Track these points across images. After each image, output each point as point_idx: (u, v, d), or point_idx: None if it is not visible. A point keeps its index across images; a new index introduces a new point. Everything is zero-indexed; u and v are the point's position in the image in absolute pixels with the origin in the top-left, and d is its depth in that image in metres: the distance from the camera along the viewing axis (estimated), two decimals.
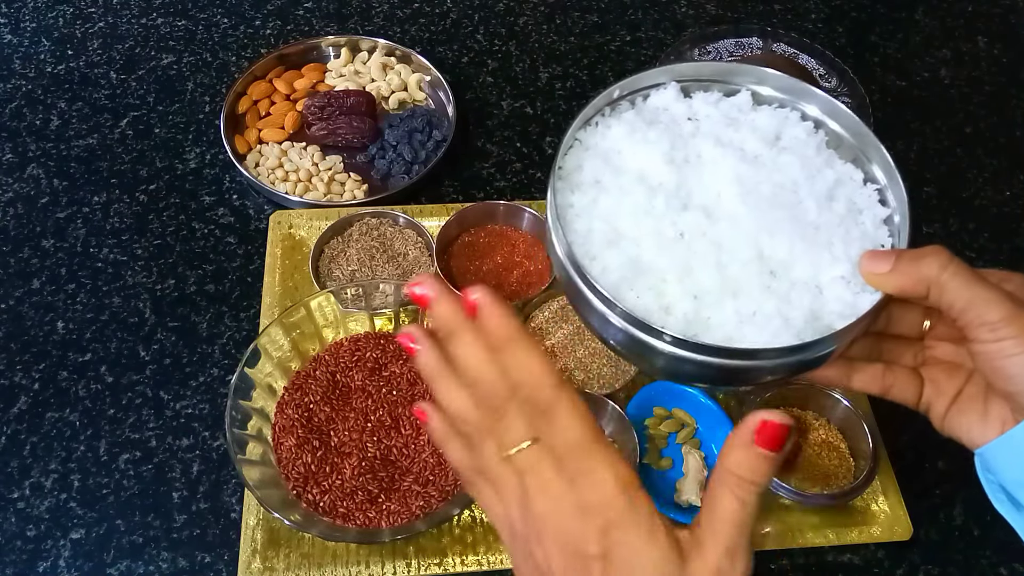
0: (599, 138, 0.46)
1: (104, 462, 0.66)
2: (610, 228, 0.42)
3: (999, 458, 0.39)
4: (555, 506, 0.36)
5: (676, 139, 0.45)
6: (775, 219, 0.42)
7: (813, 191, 0.43)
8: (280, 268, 0.75)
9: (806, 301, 0.40)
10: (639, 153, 0.44)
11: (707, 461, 0.66)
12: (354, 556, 0.61)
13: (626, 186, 0.43)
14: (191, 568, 0.62)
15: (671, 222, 0.42)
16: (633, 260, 0.41)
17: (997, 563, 0.65)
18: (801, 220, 0.42)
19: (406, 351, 0.39)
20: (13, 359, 0.71)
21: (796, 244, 0.41)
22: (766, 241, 0.42)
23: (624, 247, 0.42)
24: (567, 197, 0.44)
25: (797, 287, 0.41)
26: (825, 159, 0.45)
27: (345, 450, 0.62)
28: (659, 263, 0.41)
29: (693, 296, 0.40)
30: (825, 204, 0.43)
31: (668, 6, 1.03)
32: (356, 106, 0.85)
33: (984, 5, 1.07)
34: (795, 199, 0.43)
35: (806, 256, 0.41)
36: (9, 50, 0.93)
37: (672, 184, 0.43)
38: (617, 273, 0.41)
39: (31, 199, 0.81)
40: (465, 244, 0.77)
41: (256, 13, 0.98)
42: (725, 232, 0.42)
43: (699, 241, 0.42)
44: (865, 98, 0.91)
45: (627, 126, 0.46)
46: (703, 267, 0.41)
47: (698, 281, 0.41)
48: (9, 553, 0.62)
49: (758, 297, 0.40)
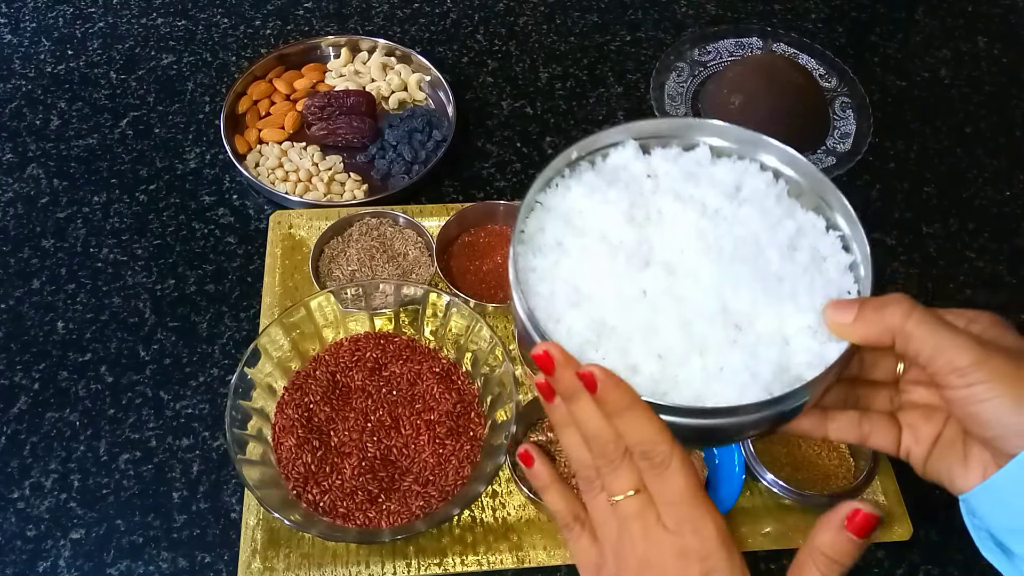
0: (559, 199, 0.45)
1: (104, 462, 0.66)
2: (573, 289, 0.42)
3: (984, 505, 0.40)
4: (657, 549, 0.39)
5: (636, 197, 0.45)
6: (738, 273, 0.41)
7: (775, 241, 0.43)
8: (280, 268, 0.75)
9: (773, 354, 0.40)
10: (600, 213, 0.44)
11: (707, 461, 0.66)
12: (354, 556, 0.61)
13: (588, 246, 0.43)
14: (191, 568, 0.62)
15: (633, 281, 0.42)
16: (597, 321, 0.41)
17: None
18: (764, 272, 0.42)
19: (540, 388, 0.40)
20: (13, 359, 0.71)
21: (759, 297, 0.41)
22: (730, 295, 0.41)
23: (587, 308, 0.41)
24: (529, 260, 0.43)
25: (763, 340, 0.40)
26: (786, 209, 0.45)
27: (345, 450, 0.62)
28: (623, 323, 0.41)
29: (658, 355, 0.40)
30: (788, 254, 0.43)
31: (668, 6, 1.03)
32: (356, 106, 0.85)
33: (984, 5, 1.07)
34: (757, 251, 0.43)
35: (770, 308, 0.41)
36: (9, 50, 0.93)
37: (633, 242, 0.43)
38: (582, 335, 0.40)
39: (31, 199, 0.81)
40: (465, 244, 0.77)
41: (256, 13, 0.98)
42: (688, 288, 0.41)
43: (662, 298, 0.41)
44: (865, 98, 0.91)
45: (587, 186, 0.45)
46: (667, 325, 0.40)
47: (663, 339, 0.40)
48: (9, 553, 0.62)
49: (724, 352, 0.40)
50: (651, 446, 0.38)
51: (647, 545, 0.39)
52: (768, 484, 0.63)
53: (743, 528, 0.63)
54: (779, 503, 0.65)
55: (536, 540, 0.62)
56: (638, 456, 0.39)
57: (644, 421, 0.38)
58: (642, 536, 0.39)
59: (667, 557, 0.38)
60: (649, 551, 0.39)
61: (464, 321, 0.65)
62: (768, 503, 0.65)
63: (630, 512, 0.39)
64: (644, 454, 0.38)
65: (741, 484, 0.63)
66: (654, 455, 0.38)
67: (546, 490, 0.45)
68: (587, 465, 0.41)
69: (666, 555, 0.39)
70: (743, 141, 0.47)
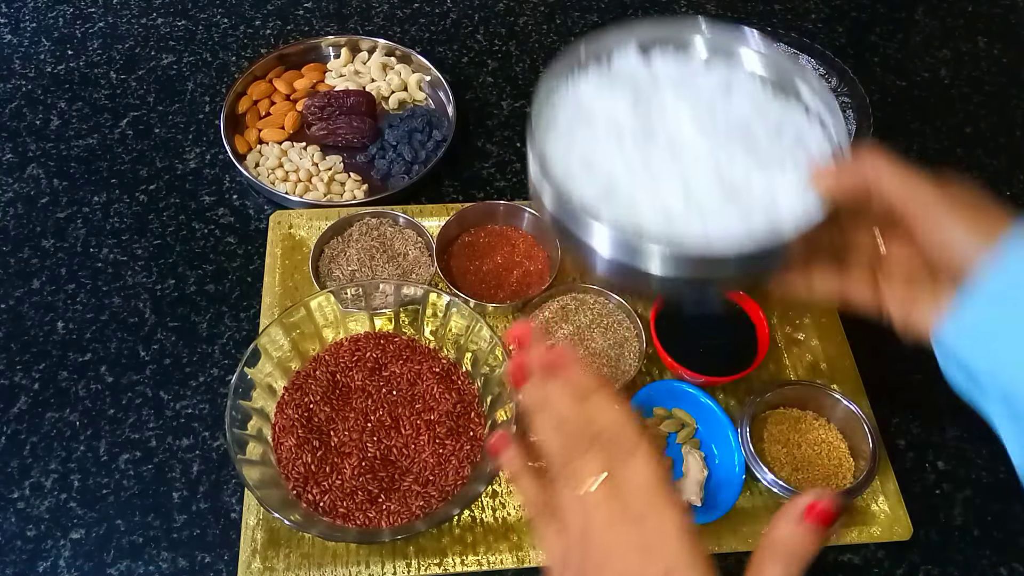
0: (570, 95, 0.51)
1: (104, 462, 0.66)
2: (585, 164, 0.47)
3: (954, 341, 0.42)
4: (620, 541, 0.39)
5: (639, 92, 0.50)
6: (732, 148, 0.47)
7: (763, 125, 0.48)
8: (280, 268, 0.75)
9: (764, 212, 0.45)
10: (607, 104, 0.49)
11: (707, 461, 0.66)
12: (354, 556, 0.61)
13: (597, 130, 0.49)
14: (191, 568, 0.62)
15: (640, 155, 0.47)
16: (607, 189, 0.46)
17: (997, 563, 0.65)
18: (755, 148, 0.47)
19: (513, 370, 0.44)
20: (13, 359, 0.71)
21: (752, 167, 0.46)
22: (725, 165, 0.47)
23: (598, 177, 0.47)
24: (544, 148, 0.48)
25: (756, 201, 0.46)
26: (773, 99, 0.50)
27: (345, 450, 0.62)
28: (631, 189, 0.46)
29: (663, 215, 0.45)
30: (775, 136, 0.48)
31: (668, 6, 1.03)
32: (356, 106, 0.85)
33: (984, 5, 1.07)
34: (747, 132, 0.48)
35: (762, 176, 0.46)
36: (9, 50, 0.93)
37: (638, 126, 0.49)
38: (594, 199, 0.46)
39: (31, 199, 0.81)
40: (465, 244, 0.77)
41: (256, 13, 0.98)
42: (688, 161, 0.47)
43: (666, 169, 0.47)
44: (865, 98, 0.91)
45: (594, 83, 0.51)
46: (671, 190, 0.46)
47: (667, 203, 0.46)
48: (9, 553, 0.62)
49: (722, 212, 0.45)
50: (619, 429, 0.40)
51: (610, 536, 0.39)
52: (768, 484, 0.63)
53: (743, 528, 0.63)
54: (779, 503, 0.65)
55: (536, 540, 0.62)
56: (606, 442, 0.40)
57: (612, 404, 0.40)
58: (607, 526, 0.39)
59: (630, 551, 0.38)
60: (612, 542, 0.39)
61: (464, 321, 0.65)
62: (768, 503, 0.65)
63: (596, 501, 0.40)
64: (612, 440, 0.40)
65: (741, 484, 0.63)
66: (622, 441, 0.40)
67: (516, 479, 0.45)
68: (557, 454, 0.42)
69: (630, 548, 0.39)
70: (738, 39, 0.54)
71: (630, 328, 0.71)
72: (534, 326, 0.43)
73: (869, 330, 0.76)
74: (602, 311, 0.72)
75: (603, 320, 0.72)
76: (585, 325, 0.71)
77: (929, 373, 0.74)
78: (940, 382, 0.75)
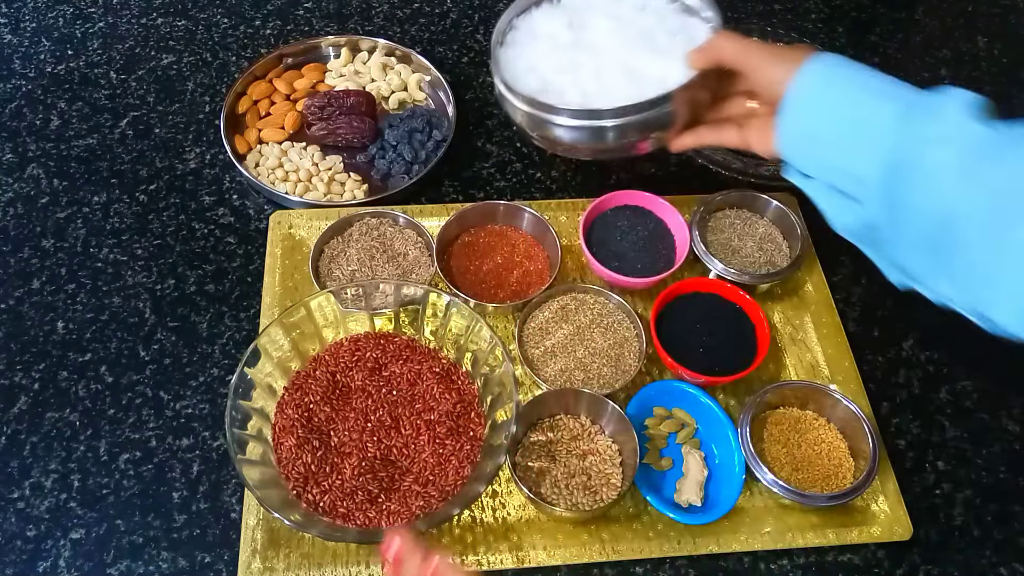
0: (525, 20, 0.70)
1: (104, 462, 0.66)
2: (530, 65, 0.67)
3: (782, 148, 0.57)
4: None
5: (573, 15, 0.69)
6: (637, 47, 0.65)
7: (663, 30, 0.66)
8: (280, 268, 0.75)
9: (656, 86, 0.62)
10: (549, 25, 0.69)
11: (707, 461, 0.66)
12: (354, 556, 0.61)
13: (540, 43, 0.68)
14: (191, 568, 0.62)
15: (568, 57, 0.66)
16: (544, 79, 0.66)
17: (997, 563, 0.65)
18: (655, 46, 0.64)
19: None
20: (13, 359, 0.71)
21: (651, 59, 0.64)
22: (631, 60, 0.64)
23: (539, 73, 0.66)
24: (504, 55, 0.68)
25: (650, 80, 0.63)
26: (675, 13, 0.67)
27: (345, 450, 0.62)
28: (560, 79, 0.66)
29: (582, 95, 0.64)
30: (671, 37, 0.65)
31: None
32: (356, 106, 0.85)
33: (984, 5, 1.07)
34: (651, 37, 0.65)
35: (657, 64, 0.63)
36: (9, 50, 0.93)
37: (570, 39, 0.67)
38: (535, 87, 0.65)
39: (31, 199, 0.81)
40: (465, 244, 0.77)
41: (256, 13, 0.98)
42: (604, 59, 0.65)
43: (587, 65, 0.65)
44: None
45: (543, 12, 0.71)
46: (588, 77, 0.65)
47: (585, 85, 0.65)
48: (9, 553, 0.62)
49: (626, 89, 0.63)
50: None
51: None
52: (768, 484, 0.63)
53: (743, 528, 0.63)
54: (779, 503, 0.65)
55: (536, 540, 0.62)
56: None
57: None
58: None
59: None
60: None
61: (464, 321, 0.65)
62: (768, 503, 0.65)
63: None
64: None
65: (741, 484, 0.63)
66: None
67: None
68: None
69: None
70: None
71: (630, 328, 0.71)
72: (407, 541, 0.48)
73: (869, 330, 0.76)
74: (602, 311, 0.72)
75: (603, 320, 0.72)
76: (585, 325, 0.71)
77: (929, 373, 0.74)
78: (940, 382, 0.75)
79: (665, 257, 0.74)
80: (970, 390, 0.74)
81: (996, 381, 0.74)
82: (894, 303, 0.78)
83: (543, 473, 0.64)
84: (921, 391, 0.74)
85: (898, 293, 0.56)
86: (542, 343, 0.70)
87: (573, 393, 0.66)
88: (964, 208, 0.46)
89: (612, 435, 0.66)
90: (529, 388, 0.70)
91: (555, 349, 0.70)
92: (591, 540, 0.62)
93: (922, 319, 0.77)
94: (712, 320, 0.71)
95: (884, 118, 0.50)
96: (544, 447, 0.65)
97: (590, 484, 0.63)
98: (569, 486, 0.63)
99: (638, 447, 0.62)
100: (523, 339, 0.71)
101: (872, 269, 0.56)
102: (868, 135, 0.51)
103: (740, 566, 0.64)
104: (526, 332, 0.71)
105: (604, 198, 0.76)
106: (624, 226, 0.76)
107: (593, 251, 0.74)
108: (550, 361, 0.69)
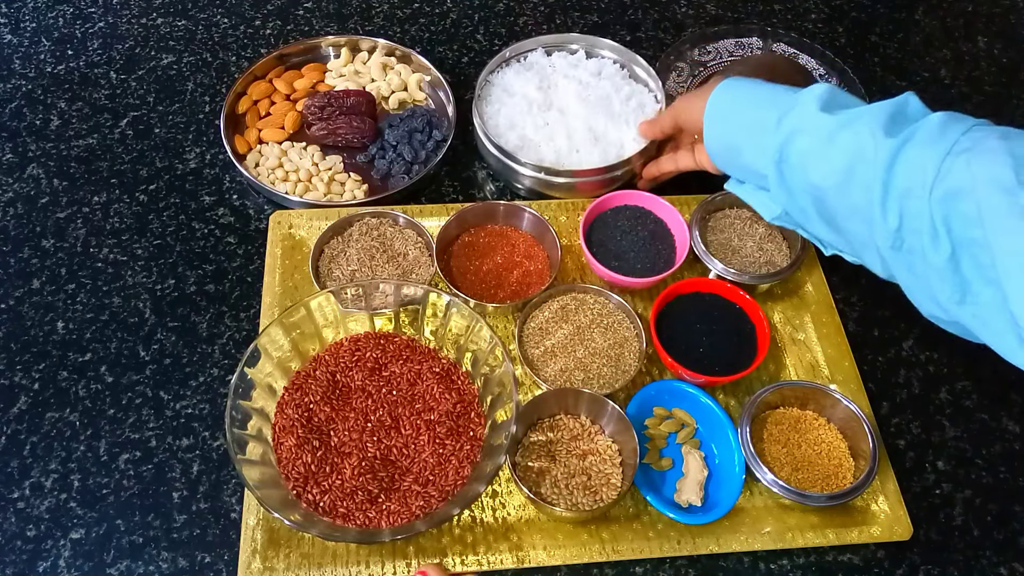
0: (499, 79, 0.84)
1: (104, 462, 0.66)
2: (509, 123, 0.81)
3: (714, 160, 0.69)
4: None
5: (542, 77, 0.84)
6: (598, 113, 0.81)
7: (618, 97, 0.82)
8: (280, 268, 0.75)
9: (615, 149, 0.80)
10: (522, 84, 0.83)
11: (707, 461, 0.66)
12: (354, 556, 0.61)
13: (516, 102, 0.82)
14: (191, 568, 0.62)
15: (542, 117, 0.81)
16: (521, 137, 0.80)
17: (997, 563, 0.65)
18: (612, 112, 0.81)
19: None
20: (13, 359, 0.71)
21: (610, 124, 0.80)
22: (593, 123, 0.80)
23: (517, 131, 0.80)
24: (484, 110, 0.82)
25: (610, 143, 0.80)
26: (626, 81, 0.85)
27: (345, 450, 0.62)
28: (536, 137, 0.80)
29: (555, 153, 0.79)
30: (625, 104, 0.82)
31: (668, 6, 1.03)
32: (356, 106, 0.85)
33: (984, 5, 1.07)
34: (609, 103, 0.81)
35: (615, 129, 0.80)
36: (9, 50, 0.93)
37: (542, 99, 0.82)
38: (514, 144, 0.79)
39: (31, 199, 0.81)
40: (465, 244, 0.76)
41: (256, 13, 0.98)
42: (571, 120, 0.81)
43: (557, 125, 0.80)
44: (865, 98, 0.91)
45: (515, 71, 0.85)
46: (560, 137, 0.80)
47: (558, 144, 0.79)
48: (9, 553, 0.62)
49: (590, 150, 0.79)
50: None
51: None
52: (768, 484, 0.63)
53: (743, 528, 0.63)
54: (779, 503, 0.65)
55: (536, 540, 0.62)
56: None
57: None
58: None
59: None
60: None
61: (464, 321, 0.65)
62: (768, 503, 0.65)
63: None
64: None
65: (741, 484, 0.63)
66: None
67: None
68: None
69: None
70: (606, 47, 0.87)
71: (630, 328, 0.71)
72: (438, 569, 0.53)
73: (869, 330, 0.76)
74: (602, 311, 0.72)
75: (603, 320, 0.72)
76: (585, 325, 0.71)
77: (929, 373, 0.74)
78: (940, 382, 0.75)
79: (665, 257, 0.75)
80: (970, 390, 0.74)
81: (996, 381, 0.74)
82: (894, 303, 0.78)
83: (543, 473, 0.64)
84: (921, 391, 0.74)
85: (898, 293, 0.56)
86: (542, 343, 0.70)
87: (573, 393, 0.66)
88: (824, 182, 0.57)
89: (612, 435, 0.66)
90: (529, 388, 0.70)
91: (555, 349, 0.70)
92: (591, 540, 0.62)
93: (922, 319, 0.76)
94: (712, 320, 0.71)
95: (769, 121, 0.61)
96: (544, 447, 0.65)
97: (590, 484, 0.63)
98: (569, 486, 0.63)
99: (638, 447, 0.62)
100: (523, 339, 0.71)
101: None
102: (761, 137, 0.61)
103: (740, 566, 0.64)
104: (526, 332, 0.71)
105: (604, 198, 0.76)
106: (624, 226, 0.76)
107: (593, 251, 0.74)
108: (550, 361, 0.69)
